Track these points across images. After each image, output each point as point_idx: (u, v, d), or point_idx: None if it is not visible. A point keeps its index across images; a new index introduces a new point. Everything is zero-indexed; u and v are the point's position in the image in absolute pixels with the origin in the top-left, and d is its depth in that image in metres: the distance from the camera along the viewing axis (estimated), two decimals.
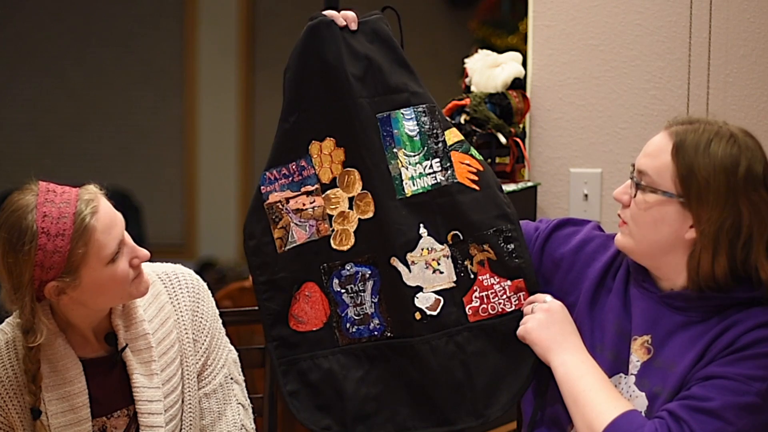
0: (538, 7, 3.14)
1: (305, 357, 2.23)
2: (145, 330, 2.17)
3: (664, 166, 1.99)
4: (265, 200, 2.24)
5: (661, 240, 2.01)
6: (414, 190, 2.21)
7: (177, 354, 2.20)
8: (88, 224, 2.04)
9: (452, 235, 2.20)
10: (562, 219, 2.24)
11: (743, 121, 3.07)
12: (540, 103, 3.14)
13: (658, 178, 2.00)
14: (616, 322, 2.08)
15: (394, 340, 2.22)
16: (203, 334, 2.24)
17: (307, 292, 2.25)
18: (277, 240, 2.24)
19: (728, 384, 1.93)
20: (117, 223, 2.09)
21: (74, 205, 2.05)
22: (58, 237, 2.03)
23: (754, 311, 1.98)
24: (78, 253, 2.04)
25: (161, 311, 2.21)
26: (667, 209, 1.99)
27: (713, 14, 3.08)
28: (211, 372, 2.25)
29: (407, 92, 2.22)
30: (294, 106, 2.21)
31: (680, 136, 2.00)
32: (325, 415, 2.22)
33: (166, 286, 2.24)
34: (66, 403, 2.11)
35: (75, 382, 2.12)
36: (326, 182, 2.23)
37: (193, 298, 2.24)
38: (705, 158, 1.96)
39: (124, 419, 2.17)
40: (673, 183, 1.98)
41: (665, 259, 2.02)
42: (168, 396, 2.17)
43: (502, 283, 2.19)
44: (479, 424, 2.20)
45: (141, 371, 2.15)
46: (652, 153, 2.02)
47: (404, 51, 2.24)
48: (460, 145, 2.23)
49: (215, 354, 2.25)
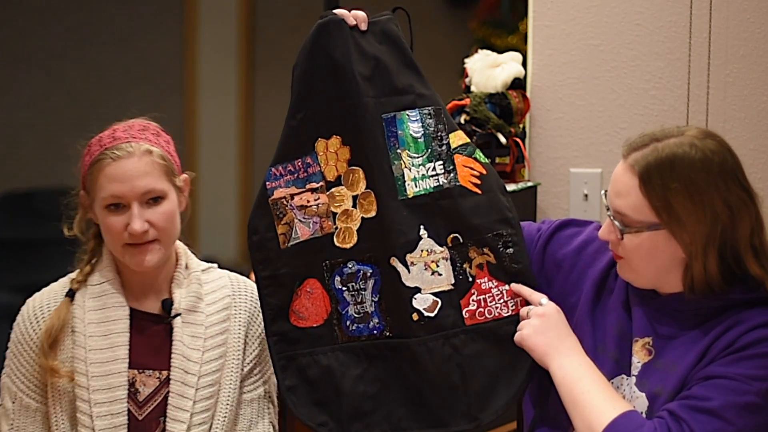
0: (538, 7, 3.14)
1: (305, 353, 2.24)
2: (201, 308, 2.25)
3: (638, 203, 1.98)
4: (270, 196, 2.25)
5: (660, 266, 2.01)
6: (416, 191, 2.21)
7: (224, 343, 2.25)
8: (102, 161, 2.17)
9: (452, 237, 2.20)
10: (565, 220, 2.24)
11: (743, 121, 3.07)
12: (540, 103, 3.14)
13: (637, 215, 1.98)
14: (617, 323, 2.08)
15: (392, 339, 2.22)
16: (255, 341, 2.31)
17: (308, 288, 2.25)
18: (281, 236, 2.24)
19: (729, 384, 1.93)
20: (126, 181, 2.16)
21: (115, 142, 2.18)
22: (88, 155, 2.20)
23: (755, 311, 1.98)
24: (89, 177, 2.19)
25: (221, 301, 2.29)
26: (656, 239, 1.99)
27: (713, 14, 3.08)
28: (256, 381, 2.30)
29: (414, 94, 2.22)
30: (302, 103, 2.22)
31: (641, 167, 1.97)
32: (322, 411, 2.23)
33: (233, 284, 2.33)
34: (107, 354, 2.18)
35: (120, 335, 2.19)
36: (331, 180, 2.24)
37: (253, 304, 2.31)
38: (673, 182, 1.95)
39: (155, 380, 2.21)
40: (652, 215, 1.97)
41: (667, 279, 2.03)
42: (204, 376, 2.21)
43: (500, 287, 2.19)
44: (473, 428, 2.20)
45: (186, 342, 2.21)
46: (622, 192, 2.00)
47: (413, 52, 2.25)
48: (464, 149, 2.23)
49: (263, 366, 2.31)
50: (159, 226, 2.20)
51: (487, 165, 2.24)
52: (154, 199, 2.20)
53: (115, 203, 2.17)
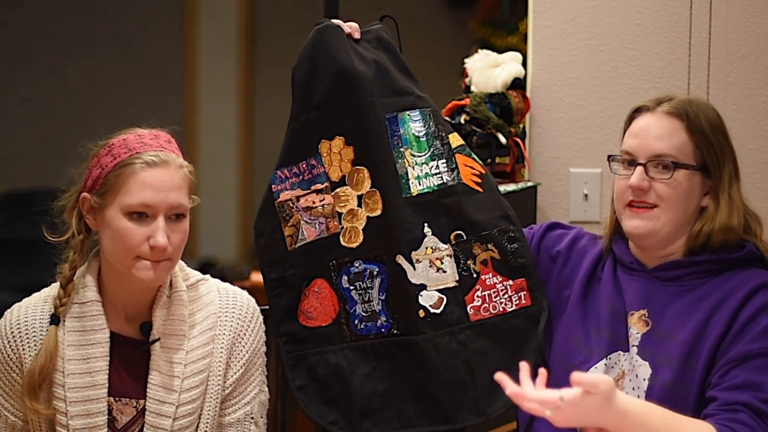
0: (538, 7, 3.14)
1: (314, 352, 2.26)
2: (182, 331, 2.14)
3: (682, 143, 2.10)
4: (276, 198, 2.26)
5: (687, 213, 2.10)
6: (420, 189, 2.23)
7: (205, 368, 2.16)
8: (135, 165, 2.08)
9: (455, 234, 2.23)
10: (551, 222, 2.33)
11: (743, 121, 3.07)
12: (540, 103, 3.14)
13: (681, 155, 2.09)
14: (609, 304, 2.12)
15: (400, 337, 2.24)
16: (239, 363, 2.19)
17: (316, 288, 2.27)
18: (288, 238, 2.26)
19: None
20: (160, 191, 2.07)
21: (147, 148, 2.11)
22: (110, 156, 2.11)
23: (749, 273, 2.05)
24: (110, 179, 2.09)
25: (206, 320, 2.18)
26: (693, 181, 2.10)
27: (713, 14, 3.08)
28: (234, 404, 2.20)
29: (413, 96, 2.25)
30: (304, 105, 2.23)
31: (683, 111, 2.11)
32: (332, 410, 2.25)
33: (221, 299, 2.21)
34: (86, 379, 2.10)
35: (100, 359, 2.11)
36: (336, 180, 2.25)
37: (240, 322, 2.19)
38: (708, 125, 2.10)
39: (132, 409, 2.14)
40: (693, 156, 2.10)
41: (678, 233, 2.11)
42: (182, 405, 2.13)
43: (504, 282, 2.21)
44: (482, 422, 2.22)
45: (163, 370, 2.12)
46: (664, 135, 2.10)
47: (404, 57, 2.27)
48: (463, 149, 2.27)
49: (243, 388, 2.20)
50: (176, 244, 2.11)
51: (484, 166, 2.27)
52: (176, 215, 2.11)
53: (141, 212, 2.07)
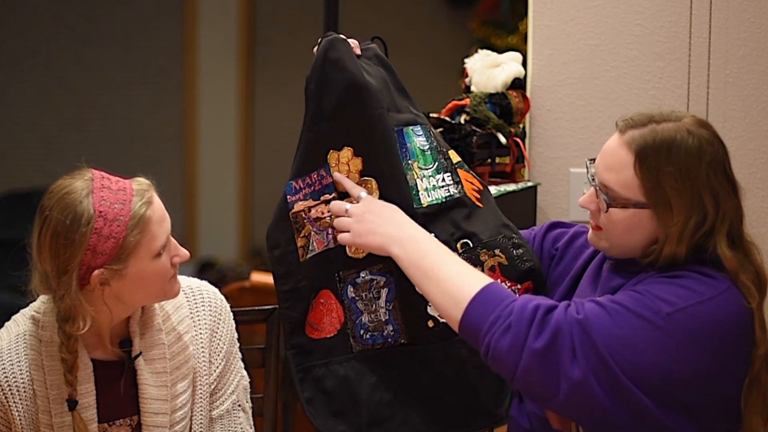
0: (538, 7, 3.14)
1: (320, 364, 2.25)
2: (161, 339, 2.14)
3: (629, 180, 2.00)
4: (290, 209, 2.25)
5: (636, 241, 2.03)
6: (430, 201, 2.23)
7: (190, 371, 2.17)
8: (145, 213, 2.03)
9: (462, 243, 2.22)
10: (552, 222, 2.34)
11: (743, 121, 3.07)
12: (540, 103, 3.14)
13: (625, 192, 2.00)
14: (583, 295, 2.11)
15: (408, 346, 2.24)
16: (219, 356, 2.22)
17: (322, 299, 2.26)
18: (300, 249, 2.26)
19: (637, 296, 1.95)
20: (167, 217, 2.09)
21: (130, 194, 2.04)
22: (114, 222, 2.00)
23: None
24: (130, 241, 2.01)
25: (180, 324, 2.19)
26: (639, 217, 2.01)
27: (713, 14, 3.08)
28: (221, 396, 2.23)
29: (412, 113, 2.27)
30: (318, 116, 2.22)
31: (639, 146, 1.99)
32: (340, 421, 2.24)
33: (189, 300, 2.22)
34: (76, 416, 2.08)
35: (84, 383, 2.09)
36: (343, 191, 2.24)
37: (214, 317, 2.22)
38: (668, 166, 1.97)
39: (126, 428, 2.14)
40: (641, 194, 1.99)
41: (638, 253, 2.04)
42: (175, 412, 2.14)
43: (512, 287, 2.21)
44: (490, 424, 2.24)
45: (151, 382, 2.12)
46: (614, 167, 2.01)
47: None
48: (461, 165, 2.28)
49: (227, 378, 2.23)
50: None
51: (481, 182, 2.29)
52: None
53: (167, 242, 2.09)
